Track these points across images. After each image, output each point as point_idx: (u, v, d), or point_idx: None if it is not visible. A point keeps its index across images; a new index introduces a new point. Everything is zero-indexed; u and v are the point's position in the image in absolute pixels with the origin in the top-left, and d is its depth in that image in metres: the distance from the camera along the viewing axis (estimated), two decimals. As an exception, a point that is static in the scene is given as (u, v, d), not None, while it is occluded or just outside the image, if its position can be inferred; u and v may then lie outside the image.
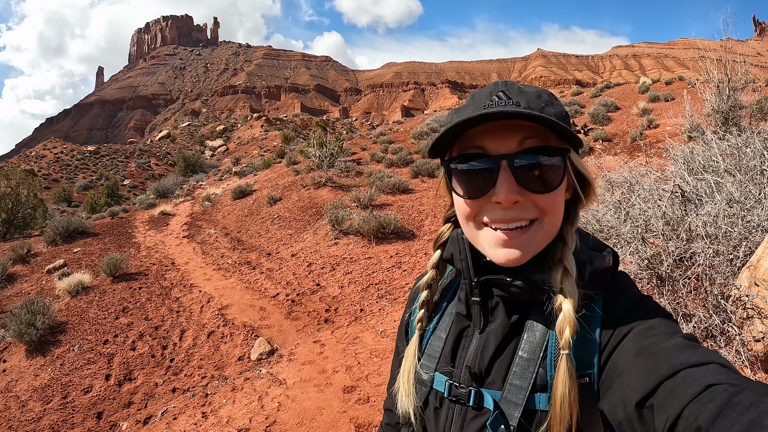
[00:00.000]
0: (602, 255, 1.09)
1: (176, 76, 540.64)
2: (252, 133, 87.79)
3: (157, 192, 30.62)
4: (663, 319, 0.97)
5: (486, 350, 1.10)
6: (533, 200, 1.00)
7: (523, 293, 1.05)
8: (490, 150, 1.01)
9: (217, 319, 8.75)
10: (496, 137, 1.00)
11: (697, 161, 5.90)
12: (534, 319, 1.07)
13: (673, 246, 4.34)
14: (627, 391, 0.87)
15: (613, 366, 0.95)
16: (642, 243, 4.66)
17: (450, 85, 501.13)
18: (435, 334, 1.23)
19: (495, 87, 1.04)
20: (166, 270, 11.92)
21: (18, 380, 7.57)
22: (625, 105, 26.00)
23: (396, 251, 11.12)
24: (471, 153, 1.03)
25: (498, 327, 1.10)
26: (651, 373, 0.85)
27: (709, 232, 4.29)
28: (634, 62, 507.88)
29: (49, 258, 13.37)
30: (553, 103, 1.03)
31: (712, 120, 10.09)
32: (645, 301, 1.03)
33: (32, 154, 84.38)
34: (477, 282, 1.12)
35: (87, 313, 9.29)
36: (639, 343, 0.92)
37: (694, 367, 0.81)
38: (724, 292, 4.09)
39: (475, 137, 1.02)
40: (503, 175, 0.99)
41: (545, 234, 1.03)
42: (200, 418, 5.82)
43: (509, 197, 0.98)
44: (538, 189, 1.00)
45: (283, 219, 15.36)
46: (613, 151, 17.49)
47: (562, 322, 0.97)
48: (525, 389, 1.02)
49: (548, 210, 1.01)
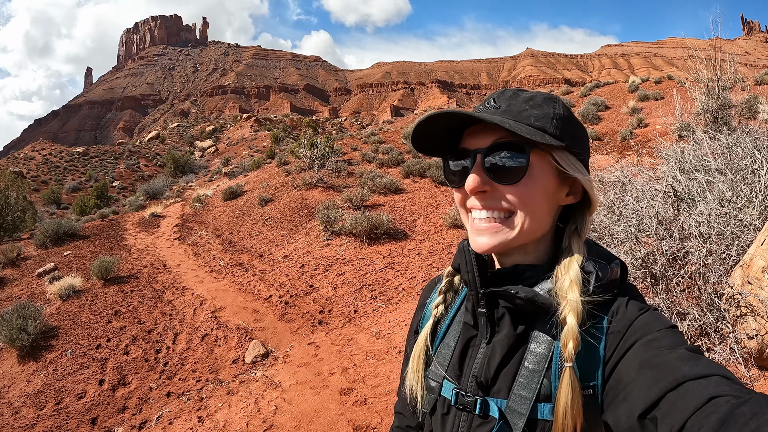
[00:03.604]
0: (610, 266, 1.10)
1: (165, 77, 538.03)
2: (242, 133, 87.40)
3: (147, 193, 30.39)
4: (667, 330, 0.98)
5: (492, 360, 1.12)
6: (502, 191, 1.09)
7: (528, 305, 1.07)
8: (470, 147, 1.13)
9: (211, 321, 8.71)
10: (474, 137, 1.13)
11: (688, 161, 5.94)
12: (540, 330, 1.08)
13: (666, 245, 4.36)
14: (630, 403, 0.89)
15: (617, 378, 0.96)
16: (636, 242, 4.69)
17: (439, 84, 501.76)
18: (444, 342, 1.26)
19: (495, 93, 1.17)
20: (158, 272, 11.85)
21: (10, 386, 7.50)
22: (614, 104, 26.12)
23: (389, 251, 11.12)
24: (459, 150, 1.17)
25: (504, 338, 1.12)
26: (654, 384, 0.86)
27: (702, 231, 4.33)
28: (623, 61, 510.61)
29: (39, 261, 13.25)
30: (540, 106, 1.10)
31: (702, 119, 10.17)
32: (650, 313, 1.04)
33: (21, 155, 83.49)
34: (483, 294, 1.14)
35: (79, 317, 9.22)
36: (643, 355, 0.94)
37: (698, 379, 0.82)
38: (717, 291, 4.13)
39: (466, 139, 1.16)
40: (475, 168, 1.10)
41: (521, 229, 1.09)
42: (196, 422, 5.79)
43: (475, 186, 1.09)
44: (501, 181, 1.09)
45: (274, 220, 15.32)
46: (603, 150, 17.58)
47: (566, 336, 1.00)
48: (530, 399, 1.04)
49: (518, 204, 1.08)
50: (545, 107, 1.10)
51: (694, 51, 10.25)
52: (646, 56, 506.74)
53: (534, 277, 1.12)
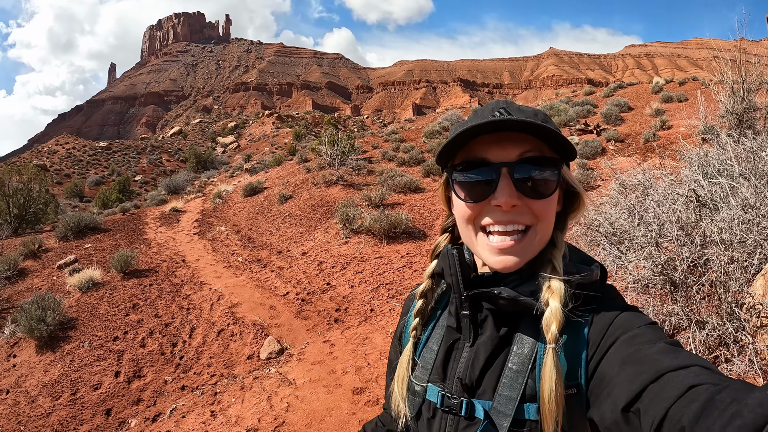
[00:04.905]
0: (590, 268, 1.14)
1: (188, 73, 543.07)
2: (263, 130, 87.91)
3: (168, 188, 30.71)
4: (647, 327, 1.01)
5: (476, 362, 1.15)
6: (529, 206, 1.09)
7: (511, 305, 1.10)
8: (492, 159, 1.09)
9: (227, 317, 8.75)
10: (498, 147, 1.10)
11: (711, 164, 5.80)
12: (523, 332, 1.12)
13: (687, 251, 4.27)
14: (614, 398, 0.91)
15: (600, 375, 0.99)
16: (656, 248, 4.58)
17: (461, 83, 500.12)
18: (427, 346, 1.29)
19: (496, 104, 1.14)
20: (177, 267, 11.95)
21: (28, 375, 7.60)
22: (637, 105, 25.77)
23: (407, 251, 11.08)
24: (474, 161, 1.12)
25: (487, 339, 1.15)
26: (636, 378, 0.88)
27: (724, 238, 4.21)
28: (647, 62, 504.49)
29: (60, 253, 13.45)
30: (548, 121, 1.11)
31: (726, 122, 9.96)
32: (630, 311, 1.07)
33: (44, 149, 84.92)
34: (466, 296, 1.17)
35: (97, 309, 9.32)
36: (624, 351, 0.96)
37: (677, 370, 0.84)
38: (738, 300, 4.04)
39: (478, 147, 1.12)
40: (503, 182, 1.08)
41: (539, 240, 1.11)
42: (209, 416, 5.81)
43: (509, 201, 1.07)
44: (534, 195, 1.09)
45: (294, 217, 15.37)
46: (625, 152, 17.35)
47: (549, 318, 1.03)
48: (514, 400, 1.06)
49: (542, 216, 1.10)
50: (551, 123, 1.11)
51: (719, 52, 10.05)
52: (670, 57, 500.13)
53: (517, 281, 1.13)
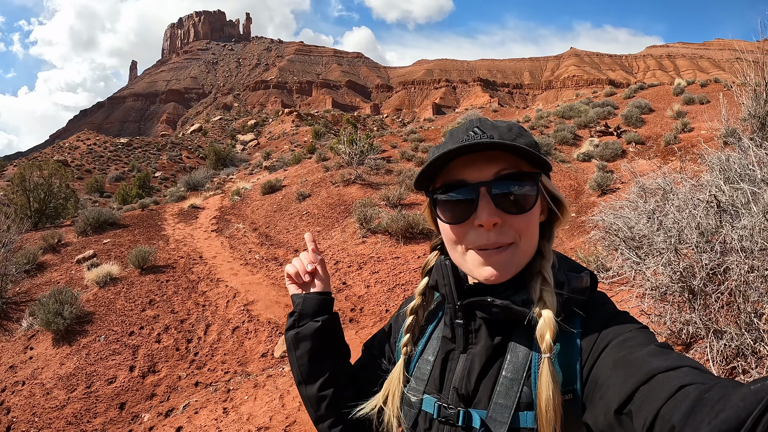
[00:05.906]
0: (579, 276, 1.16)
1: (209, 71, 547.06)
2: (283, 128, 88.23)
3: (188, 185, 30.97)
4: (638, 330, 1.03)
5: (472, 371, 1.17)
6: (510, 223, 1.11)
7: (504, 313, 1.12)
8: (470, 179, 1.12)
9: (243, 314, 8.76)
10: (474, 168, 1.12)
11: (733, 169, 5.66)
12: (516, 340, 1.14)
13: (706, 258, 4.17)
14: (606, 401, 0.93)
15: (593, 380, 1.01)
16: (675, 254, 4.48)
17: (482, 83, 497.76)
18: (423, 358, 1.31)
19: (470, 124, 1.17)
20: (194, 263, 12.00)
21: (44, 368, 7.67)
22: (659, 107, 25.43)
23: (423, 252, 11.04)
24: (453, 183, 1.14)
25: (482, 349, 1.17)
26: (627, 380, 0.90)
27: (745, 245, 4.09)
28: (669, 63, 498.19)
29: (79, 248, 13.59)
30: (523, 135, 1.16)
31: (749, 125, 9.74)
32: (621, 315, 1.10)
33: (66, 145, 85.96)
34: (460, 305, 1.20)
35: (114, 304, 9.38)
36: (616, 355, 0.98)
37: (667, 372, 0.86)
38: (757, 310, 3.93)
39: (455, 170, 1.14)
40: (483, 201, 1.10)
41: (523, 253, 1.13)
42: (221, 413, 5.81)
43: (489, 219, 1.09)
44: (514, 211, 1.11)
45: (311, 215, 15.38)
46: (646, 154, 17.12)
47: (543, 327, 1.05)
48: (510, 408, 1.08)
49: (524, 231, 1.12)
50: (526, 136, 1.16)
51: (742, 53, 9.81)
52: (692, 58, 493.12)
53: (509, 290, 1.15)
